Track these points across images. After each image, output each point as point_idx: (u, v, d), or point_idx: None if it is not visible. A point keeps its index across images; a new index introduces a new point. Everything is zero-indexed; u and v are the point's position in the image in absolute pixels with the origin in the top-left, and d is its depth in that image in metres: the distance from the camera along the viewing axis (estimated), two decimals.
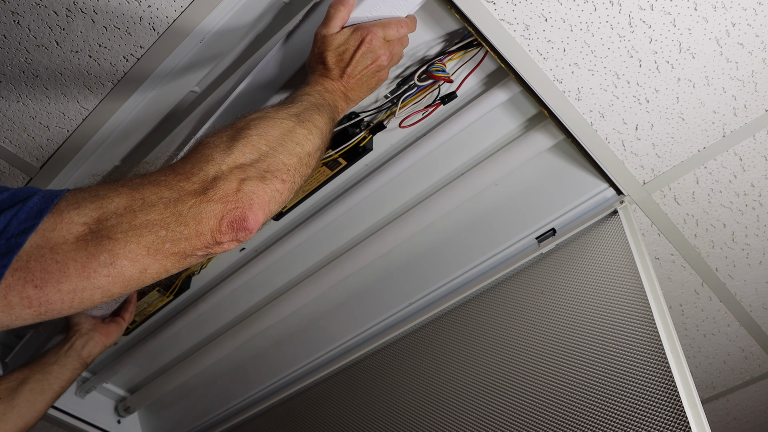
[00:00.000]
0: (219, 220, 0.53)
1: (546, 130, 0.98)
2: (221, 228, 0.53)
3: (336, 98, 0.77)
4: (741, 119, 0.89)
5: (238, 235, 0.55)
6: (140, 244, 0.50)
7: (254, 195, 0.55)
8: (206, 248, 0.54)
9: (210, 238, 0.53)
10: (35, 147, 1.00)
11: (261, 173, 0.57)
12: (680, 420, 0.67)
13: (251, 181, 0.56)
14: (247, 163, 0.58)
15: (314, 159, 0.66)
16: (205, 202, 0.53)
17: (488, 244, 1.13)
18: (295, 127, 0.65)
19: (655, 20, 0.79)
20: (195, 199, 0.53)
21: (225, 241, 0.54)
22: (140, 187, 0.53)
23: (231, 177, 0.55)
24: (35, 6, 0.81)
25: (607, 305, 0.87)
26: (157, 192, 0.53)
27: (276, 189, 0.58)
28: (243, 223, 0.54)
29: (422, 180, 1.11)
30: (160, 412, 1.60)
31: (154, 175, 0.56)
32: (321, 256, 1.24)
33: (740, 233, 1.05)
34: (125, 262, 0.50)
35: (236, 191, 0.55)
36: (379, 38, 0.77)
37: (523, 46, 0.83)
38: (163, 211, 0.52)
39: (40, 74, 0.89)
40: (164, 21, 0.84)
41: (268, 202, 0.57)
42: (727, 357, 1.29)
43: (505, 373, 0.93)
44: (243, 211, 0.54)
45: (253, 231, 0.55)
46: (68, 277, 0.48)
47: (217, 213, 0.53)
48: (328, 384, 1.27)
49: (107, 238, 0.49)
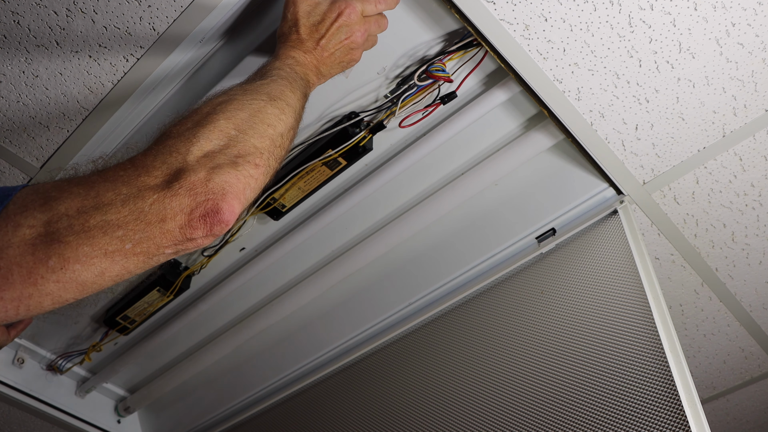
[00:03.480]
0: (188, 214, 0.49)
1: (546, 130, 0.98)
2: (192, 223, 0.49)
3: (308, 72, 0.72)
4: (741, 119, 0.89)
5: (213, 229, 0.50)
6: (94, 245, 0.47)
7: (226, 184, 0.51)
8: (175, 245, 0.50)
9: (179, 235, 0.49)
10: (35, 147, 1.00)
11: (232, 159, 0.53)
12: (680, 420, 0.67)
13: (222, 169, 0.52)
14: (216, 150, 0.53)
15: (288, 139, 0.62)
16: (170, 197, 0.49)
17: (488, 243, 1.13)
18: (265, 107, 0.60)
19: (655, 20, 0.79)
20: (157, 194, 0.49)
21: (198, 237, 0.50)
22: (95, 185, 0.50)
23: (198, 167, 0.51)
24: (35, 6, 0.81)
25: (607, 305, 0.87)
26: (114, 189, 0.49)
27: (250, 174, 0.54)
28: (217, 215, 0.50)
29: (422, 180, 1.11)
30: (160, 411, 1.60)
31: (111, 170, 0.52)
32: (321, 256, 1.24)
33: (740, 233, 1.05)
34: (78, 266, 0.46)
35: (206, 181, 0.50)
36: (357, 12, 0.74)
37: (523, 46, 0.83)
38: (120, 210, 0.48)
39: (40, 74, 0.89)
40: (164, 21, 0.84)
41: (243, 189, 0.53)
42: (726, 357, 1.29)
43: (505, 373, 0.93)
44: (215, 203, 0.50)
45: (230, 223, 0.51)
46: (11, 284, 0.45)
47: (185, 207, 0.49)
48: (328, 384, 1.27)
49: (57, 241, 0.46)
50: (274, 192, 1.06)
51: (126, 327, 1.33)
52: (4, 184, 1.05)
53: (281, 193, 1.07)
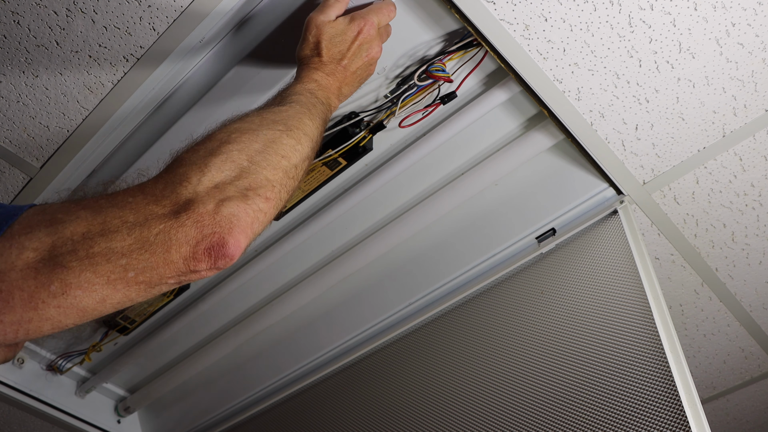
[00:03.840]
0: (193, 246, 0.48)
1: (546, 130, 0.98)
2: (196, 255, 0.48)
3: (330, 95, 0.72)
4: (741, 119, 0.89)
5: (217, 263, 0.50)
6: (97, 273, 0.46)
7: (234, 217, 0.50)
8: (178, 276, 0.49)
9: (183, 266, 0.49)
10: (35, 147, 0.99)
11: (242, 192, 0.52)
12: (680, 420, 0.67)
13: (231, 201, 0.51)
14: (227, 181, 0.53)
15: (301, 170, 0.61)
16: (177, 228, 0.48)
17: (488, 243, 1.13)
18: (281, 137, 0.59)
19: (655, 20, 0.79)
20: (164, 224, 0.48)
21: (201, 270, 0.50)
22: (102, 210, 0.49)
23: (207, 198, 0.50)
24: (35, 6, 0.81)
25: (607, 305, 0.87)
26: (121, 216, 0.49)
27: (259, 209, 0.53)
28: (222, 249, 0.49)
29: (422, 180, 1.11)
30: (160, 411, 1.60)
31: (120, 195, 0.51)
32: (321, 256, 1.24)
33: (740, 233, 1.05)
34: (79, 292, 0.46)
35: (214, 214, 0.50)
36: (375, 27, 0.74)
37: (523, 46, 0.83)
38: (125, 237, 0.47)
39: (40, 74, 0.89)
40: (164, 21, 0.84)
41: (251, 224, 0.52)
42: (726, 357, 1.29)
43: (505, 373, 0.93)
44: (222, 236, 0.49)
45: (235, 257, 0.50)
46: (12, 308, 0.44)
47: (190, 239, 0.48)
48: (328, 384, 1.27)
49: (60, 266, 0.45)
50: None
51: (126, 327, 1.33)
52: (4, 184, 1.05)
53: None
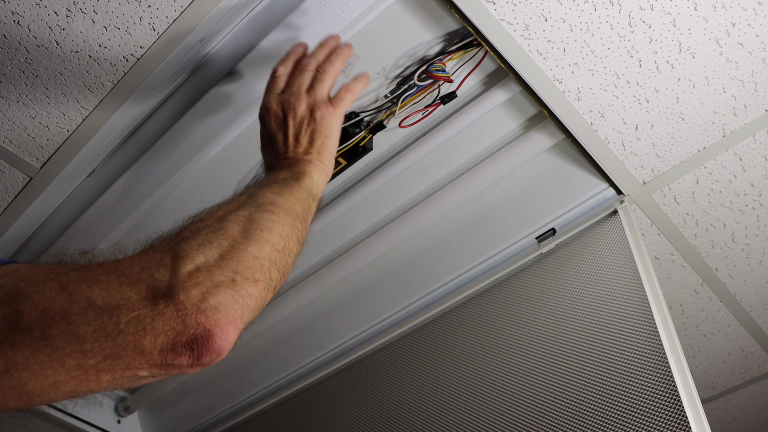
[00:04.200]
0: (172, 338, 0.43)
1: (546, 130, 0.98)
2: (176, 348, 0.43)
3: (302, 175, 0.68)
4: (741, 119, 0.89)
5: (201, 359, 0.44)
6: (52, 356, 0.41)
7: (222, 307, 0.45)
8: (152, 368, 0.44)
9: (158, 359, 0.43)
10: (35, 147, 0.99)
11: (229, 277, 0.47)
12: (680, 420, 0.67)
13: (218, 289, 0.46)
14: (210, 263, 0.48)
15: (293, 244, 0.57)
16: (152, 316, 0.43)
17: (488, 243, 1.13)
18: (256, 212, 0.55)
19: (655, 20, 0.79)
20: (137, 312, 0.43)
21: (182, 364, 0.44)
22: (70, 285, 0.44)
23: (190, 285, 0.45)
24: (35, 6, 0.81)
25: (607, 305, 0.87)
26: (89, 296, 0.43)
27: (248, 294, 0.48)
28: (207, 343, 0.44)
29: (422, 180, 1.11)
30: (160, 411, 1.59)
31: (93, 270, 0.46)
32: (320, 256, 1.24)
33: (740, 233, 1.05)
34: (26, 374, 0.41)
35: (199, 302, 0.44)
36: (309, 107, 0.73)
37: (523, 46, 0.83)
38: (91, 321, 0.42)
39: (40, 74, 0.89)
40: (164, 21, 0.84)
41: (241, 313, 0.47)
42: (727, 357, 1.29)
43: (505, 373, 0.93)
44: (207, 328, 0.44)
45: (223, 352, 0.45)
46: None
47: (168, 330, 0.43)
48: (328, 384, 1.27)
49: (8, 342, 0.41)
50: None
51: None
52: (4, 184, 1.05)
53: None
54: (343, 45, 0.78)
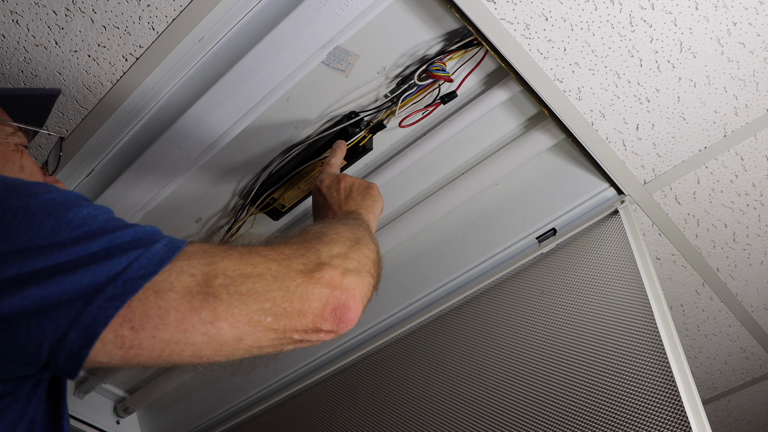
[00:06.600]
0: (323, 304, 0.53)
1: (546, 130, 0.98)
2: (324, 313, 0.53)
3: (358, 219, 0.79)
4: (742, 118, 0.89)
5: (339, 325, 0.54)
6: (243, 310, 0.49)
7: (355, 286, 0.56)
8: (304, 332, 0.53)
9: (311, 321, 0.52)
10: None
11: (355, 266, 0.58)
12: (681, 420, 0.67)
13: (351, 274, 0.57)
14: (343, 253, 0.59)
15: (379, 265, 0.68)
16: (312, 284, 0.53)
17: (488, 243, 1.13)
18: (358, 231, 0.67)
19: (656, 19, 0.78)
20: (302, 279, 0.53)
21: (324, 329, 0.53)
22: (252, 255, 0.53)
23: (334, 265, 0.56)
24: (34, 5, 0.81)
25: (608, 305, 0.86)
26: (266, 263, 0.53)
27: (369, 283, 0.60)
28: (346, 312, 0.54)
29: (422, 180, 1.11)
30: (159, 412, 1.59)
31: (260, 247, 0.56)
32: None
33: (741, 233, 1.04)
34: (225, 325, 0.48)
35: (341, 278, 0.55)
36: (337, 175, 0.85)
37: (524, 46, 0.83)
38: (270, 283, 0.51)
39: (38, 74, 0.89)
40: (164, 21, 0.83)
41: (364, 295, 0.58)
42: (728, 357, 1.29)
43: (506, 372, 0.93)
44: (347, 301, 0.54)
45: (353, 323, 0.55)
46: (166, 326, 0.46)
47: (322, 297, 0.53)
48: (327, 384, 1.27)
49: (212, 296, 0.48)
50: (273, 192, 1.06)
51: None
52: None
53: (281, 193, 1.07)
54: None
